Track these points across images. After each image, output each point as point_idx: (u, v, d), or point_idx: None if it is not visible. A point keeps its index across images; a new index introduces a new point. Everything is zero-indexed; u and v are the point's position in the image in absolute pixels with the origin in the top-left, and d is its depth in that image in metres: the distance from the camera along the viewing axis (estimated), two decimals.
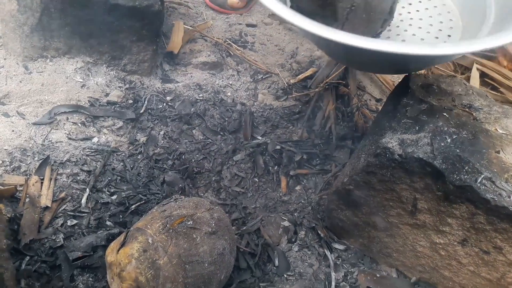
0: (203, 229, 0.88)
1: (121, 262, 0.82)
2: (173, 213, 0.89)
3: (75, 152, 1.20)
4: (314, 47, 1.63)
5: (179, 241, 0.84)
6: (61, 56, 1.38)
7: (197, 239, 0.86)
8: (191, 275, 0.83)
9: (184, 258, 0.83)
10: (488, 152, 0.84)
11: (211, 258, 0.86)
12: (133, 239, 0.85)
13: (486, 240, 0.84)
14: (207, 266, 0.85)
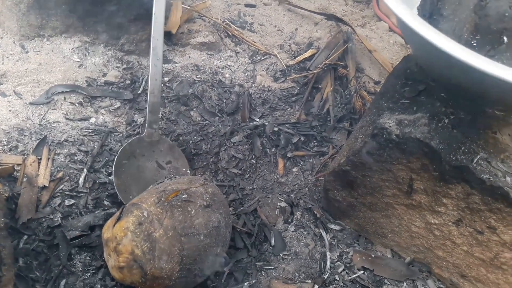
0: (197, 202, 0.88)
1: (117, 236, 0.83)
2: (167, 188, 0.90)
3: (72, 132, 1.20)
4: (313, 29, 1.61)
5: (174, 214, 0.84)
6: (58, 35, 1.37)
7: (192, 212, 0.86)
8: (187, 247, 0.83)
9: (179, 231, 0.83)
10: (485, 133, 0.84)
11: (206, 231, 0.86)
12: (128, 213, 0.85)
13: (480, 220, 0.85)
14: (202, 238, 0.85)
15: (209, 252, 0.87)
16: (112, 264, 0.85)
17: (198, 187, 0.92)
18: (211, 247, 0.87)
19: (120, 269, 0.83)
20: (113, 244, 0.84)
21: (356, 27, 1.61)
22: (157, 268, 0.81)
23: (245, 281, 0.98)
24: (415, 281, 1.01)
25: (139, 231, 0.82)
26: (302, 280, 0.98)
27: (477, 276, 0.93)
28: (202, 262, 0.87)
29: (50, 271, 0.94)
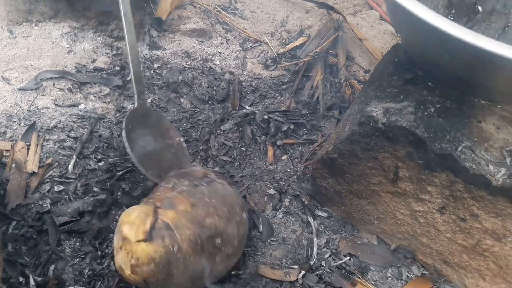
0: (224, 251, 0.87)
1: (139, 258, 0.78)
2: (206, 221, 0.84)
3: (61, 118, 1.19)
4: (304, 16, 1.61)
5: (201, 259, 0.82)
6: (46, 20, 1.36)
7: (217, 259, 0.85)
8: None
9: (195, 273, 0.83)
10: (470, 122, 0.85)
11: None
12: (159, 238, 0.79)
13: (463, 208, 0.86)
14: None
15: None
16: (120, 263, 0.81)
17: (233, 226, 0.89)
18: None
19: (127, 276, 0.81)
20: (130, 257, 0.79)
21: (347, 15, 1.61)
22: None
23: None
24: (400, 268, 1.03)
25: (162, 267, 0.78)
26: (289, 266, 1.00)
27: (459, 262, 0.95)
28: None
29: (39, 257, 0.94)
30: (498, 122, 0.86)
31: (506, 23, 0.84)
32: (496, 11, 0.83)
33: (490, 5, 0.83)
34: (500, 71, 0.72)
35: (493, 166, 0.80)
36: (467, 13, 0.84)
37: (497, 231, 0.85)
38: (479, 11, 0.84)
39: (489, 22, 0.84)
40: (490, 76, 0.77)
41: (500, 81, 0.79)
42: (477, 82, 0.82)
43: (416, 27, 0.75)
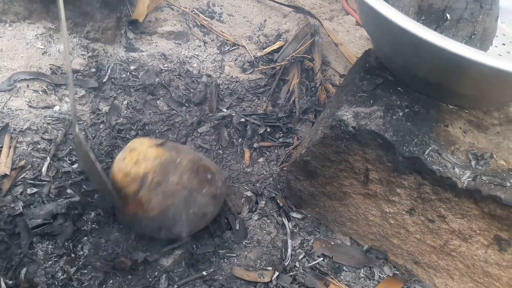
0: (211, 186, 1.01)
1: (147, 155, 0.93)
2: (202, 162, 1.00)
3: (35, 120, 1.18)
4: (282, 21, 1.63)
5: (193, 180, 0.96)
6: (21, 21, 1.34)
7: (203, 191, 0.98)
8: (177, 204, 0.95)
9: (186, 191, 0.95)
10: (437, 126, 0.87)
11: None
12: (167, 148, 0.96)
13: (431, 209, 0.89)
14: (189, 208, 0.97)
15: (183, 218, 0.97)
16: (122, 166, 0.93)
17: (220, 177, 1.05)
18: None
19: (127, 172, 0.91)
20: (137, 155, 0.93)
21: (324, 20, 1.63)
22: (149, 196, 0.92)
23: (206, 269, 1.00)
24: (372, 268, 1.05)
25: (162, 168, 0.92)
26: (264, 267, 1.01)
27: (429, 262, 0.98)
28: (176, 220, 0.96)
29: (10, 260, 0.93)
30: (464, 126, 0.89)
31: (473, 31, 0.87)
32: (464, 19, 0.86)
33: (458, 13, 0.85)
34: (467, 74, 0.75)
35: (458, 169, 0.82)
36: (436, 20, 0.87)
37: (464, 232, 0.88)
38: (447, 18, 0.86)
39: (457, 30, 0.87)
40: (457, 80, 0.80)
41: (467, 85, 0.82)
42: (445, 86, 0.85)
43: (388, 31, 0.77)
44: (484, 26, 0.85)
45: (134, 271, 0.97)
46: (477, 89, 0.82)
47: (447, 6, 0.83)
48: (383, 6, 0.70)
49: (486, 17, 0.85)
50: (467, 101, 0.91)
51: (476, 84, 0.80)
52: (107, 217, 1.06)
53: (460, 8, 0.84)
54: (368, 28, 0.97)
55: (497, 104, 0.93)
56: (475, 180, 0.81)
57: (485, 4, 0.84)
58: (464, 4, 0.83)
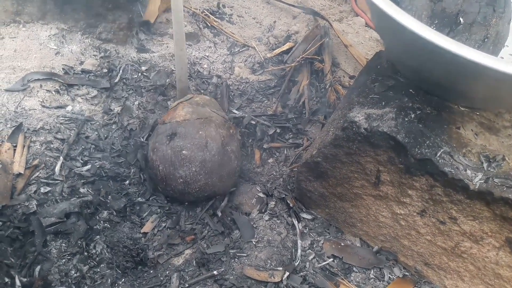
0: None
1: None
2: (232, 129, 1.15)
3: (48, 120, 1.20)
4: (291, 22, 1.63)
5: (233, 140, 1.14)
6: (34, 22, 1.36)
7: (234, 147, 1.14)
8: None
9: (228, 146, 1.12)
10: (449, 128, 0.88)
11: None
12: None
13: (442, 211, 0.89)
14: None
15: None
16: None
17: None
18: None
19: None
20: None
21: (333, 22, 1.64)
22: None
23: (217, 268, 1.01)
24: (382, 269, 1.06)
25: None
26: (274, 268, 1.02)
27: (439, 264, 0.98)
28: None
29: (25, 258, 0.95)
30: (476, 129, 0.89)
31: (486, 35, 0.88)
32: (477, 23, 0.86)
33: (471, 17, 0.85)
34: (480, 78, 0.76)
35: (470, 171, 0.82)
36: (449, 24, 0.87)
37: (475, 234, 0.88)
38: (460, 22, 0.86)
39: (470, 34, 0.87)
40: (470, 83, 0.80)
41: (480, 88, 0.82)
42: (458, 88, 0.85)
43: (402, 36, 0.77)
44: (497, 29, 0.86)
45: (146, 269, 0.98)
46: (490, 92, 0.83)
47: (460, 10, 0.83)
48: (397, 12, 0.70)
49: (499, 21, 0.85)
50: (479, 103, 0.91)
51: (488, 87, 0.80)
52: (119, 217, 1.07)
53: (473, 12, 0.84)
54: (381, 31, 0.98)
55: (509, 106, 0.93)
56: (487, 182, 0.81)
57: (498, 8, 0.84)
58: (477, 8, 0.83)
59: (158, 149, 1.07)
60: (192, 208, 1.13)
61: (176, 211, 1.11)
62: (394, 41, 0.90)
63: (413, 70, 0.92)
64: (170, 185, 1.07)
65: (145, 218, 1.09)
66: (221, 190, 1.12)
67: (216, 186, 1.09)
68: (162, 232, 1.07)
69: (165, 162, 1.06)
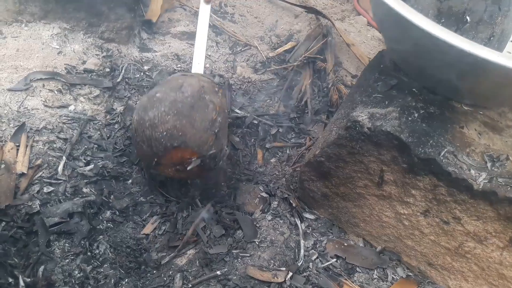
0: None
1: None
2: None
3: (51, 119, 1.20)
4: (293, 21, 1.63)
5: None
6: (36, 21, 1.36)
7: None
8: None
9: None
10: (453, 127, 0.88)
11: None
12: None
13: (446, 211, 0.89)
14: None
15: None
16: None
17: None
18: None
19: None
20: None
21: (336, 21, 1.63)
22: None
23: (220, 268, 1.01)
24: (385, 269, 1.05)
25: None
26: (277, 268, 1.02)
27: (443, 264, 0.98)
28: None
29: (28, 258, 0.95)
30: (479, 128, 0.89)
31: (492, 33, 0.87)
32: (483, 22, 0.86)
33: (477, 15, 0.85)
34: (490, 76, 0.75)
35: (474, 171, 0.82)
36: (456, 22, 0.87)
37: (479, 234, 0.88)
38: (467, 21, 0.86)
39: (476, 32, 0.87)
40: (477, 80, 0.80)
41: (486, 85, 0.82)
42: (464, 86, 0.85)
43: (409, 34, 0.77)
44: (502, 27, 0.85)
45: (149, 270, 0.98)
46: (496, 89, 0.82)
47: (466, 9, 0.83)
48: (405, 9, 0.70)
49: (504, 19, 0.85)
50: (483, 101, 0.91)
51: (495, 84, 0.80)
52: (122, 216, 1.07)
53: (480, 10, 0.84)
54: (384, 29, 0.97)
55: None
56: (491, 182, 0.81)
57: (504, 6, 0.84)
58: (483, 6, 0.83)
59: (138, 103, 1.02)
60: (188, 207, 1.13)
61: (173, 213, 1.10)
62: (398, 39, 0.90)
63: (418, 69, 0.91)
64: (140, 135, 0.98)
65: (146, 220, 1.09)
66: (192, 140, 0.97)
67: (186, 132, 0.96)
68: (163, 235, 1.07)
69: (139, 110, 1.00)
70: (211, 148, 1.01)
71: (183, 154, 0.99)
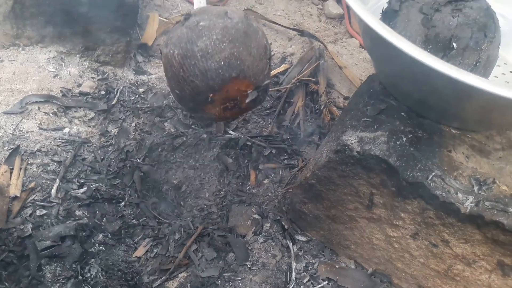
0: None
1: None
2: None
3: (46, 142, 1.21)
4: (287, 44, 1.66)
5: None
6: (33, 45, 1.38)
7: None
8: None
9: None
10: (440, 151, 0.89)
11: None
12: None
13: (435, 234, 0.90)
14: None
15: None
16: None
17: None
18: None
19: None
20: None
21: (328, 44, 1.66)
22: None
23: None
24: None
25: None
26: None
27: (433, 286, 0.98)
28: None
29: (19, 282, 0.95)
30: (467, 152, 0.90)
31: (478, 59, 0.89)
32: (469, 48, 0.88)
33: (464, 42, 0.87)
34: (476, 102, 0.78)
35: (461, 194, 0.83)
36: (443, 48, 0.89)
37: (467, 257, 0.89)
38: (453, 47, 0.88)
39: (463, 58, 0.88)
40: (465, 105, 0.82)
41: (474, 110, 0.85)
42: (451, 111, 0.87)
43: (398, 61, 0.79)
44: (488, 53, 0.87)
45: None
46: (483, 113, 0.84)
47: (453, 35, 0.85)
48: (393, 36, 0.71)
49: (490, 45, 0.87)
50: (471, 124, 0.92)
51: (482, 109, 0.82)
52: (114, 239, 1.07)
53: (466, 37, 0.86)
54: (373, 55, 0.99)
55: (500, 127, 0.95)
56: (478, 205, 0.82)
57: (489, 33, 0.86)
58: (469, 33, 0.85)
59: (171, 37, 0.90)
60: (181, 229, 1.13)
61: (165, 235, 1.11)
62: (387, 64, 0.92)
63: (406, 93, 0.93)
64: (189, 70, 0.88)
65: (138, 243, 1.09)
66: (250, 69, 0.90)
67: (245, 60, 0.88)
68: (155, 257, 1.07)
69: (180, 43, 0.88)
70: (266, 77, 0.95)
71: (240, 86, 0.91)
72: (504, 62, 1.11)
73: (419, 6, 0.88)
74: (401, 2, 0.91)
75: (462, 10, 0.86)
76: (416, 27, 0.89)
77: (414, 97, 0.91)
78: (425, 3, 0.88)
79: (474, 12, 0.86)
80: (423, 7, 0.87)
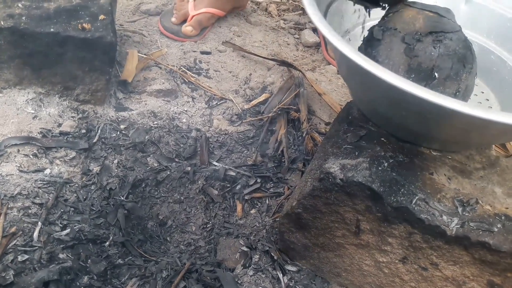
0: None
1: None
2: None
3: (26, 184, 1.19)
4: (266, 74, 1.68)
5: None
6: (11, 87, 1.37)
7: None
8: None
9: None
10: (422, 174, 0.90)
11: None
12: None
13: (423, 257, 0.90)
14: None
15: None
16: None
17: None
18: None
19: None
20: None
21: (307, 71, 1.69)
22: None
23: None
24: None
25: None
26: None
27: None
28: None
29: None
30: (449, 173, 0.92)
31: (458, 89, 0.92)
32: (450, 78, 0.90)
33: (445, 72, 0.89)
34: (456, 124, 0.79)
35: (446, 217, 0.84)
36: (425, 78, 0.91)
37: (457, 278, 0.89)
38: (435, 77, 0.90)
39: (444, 87, 0.91)
40: (445, 128, 0.84)
41: (453, 132, 0.86)
42: (432, 134, 0.88)
43: (377, 89, 0.81)
44: (467, 83, 0.90)
45: None
46: (463, 135, 0.86)
47: (435, 65, 0.88)
48: (375, 67, 0.72)
49: (468, 76, 0.90)
50: (451, 146, 0.94)
51: (461, 130, 0.83)
52: (100, 281, 1.05)
53: (447, 68, 0.89)
54: (350, 82, 1.01)
55: (480, 146, 0.97)
56: (463, 226, 0.82)
57: (467, 64, 0.89)
58: (450, 64, 0.88)
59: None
60: (168, 266, 1.11)
61: (152, 273, 1.09)
62: (366, 93, 0.94)
63: (385, 119, 0.95)
64: None
65: (125, 283, 1.06)
66: None
67: None
68: None
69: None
70: None
71: None
72: (482, 90, 1.14)
73: (401, 36, 0.90)
74: (383, 32, 0.93)
75: (442, 41, 0.88)
76: (399, 56, 0.91)
77: (394, 122, 0.93)
78: (407, 33, 0.90)
79: (454, 43, 0.89)
80: (405, 36, 0.90)
